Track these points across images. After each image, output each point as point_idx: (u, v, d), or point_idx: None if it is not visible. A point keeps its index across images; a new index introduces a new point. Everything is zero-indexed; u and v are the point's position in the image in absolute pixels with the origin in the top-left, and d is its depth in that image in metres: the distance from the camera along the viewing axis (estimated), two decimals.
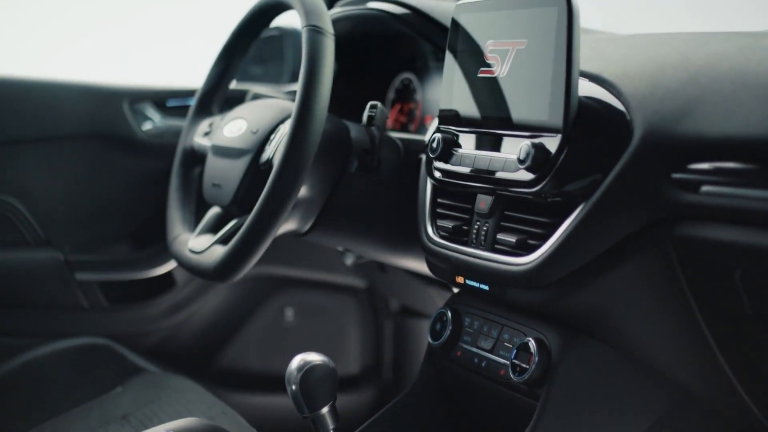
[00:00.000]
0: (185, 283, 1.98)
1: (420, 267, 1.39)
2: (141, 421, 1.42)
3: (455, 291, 1.26)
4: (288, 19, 1.51)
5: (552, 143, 0.96)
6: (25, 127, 1.85)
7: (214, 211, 1.42)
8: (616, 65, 1.03)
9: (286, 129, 1.29)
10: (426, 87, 1.62)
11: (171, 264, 1.93)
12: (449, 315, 1.18)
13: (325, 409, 1.03)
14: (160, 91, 1.95)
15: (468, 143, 1.10)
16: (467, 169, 1.08)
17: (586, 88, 1.01)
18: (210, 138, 1.46)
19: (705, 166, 0.87)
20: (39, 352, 1.76)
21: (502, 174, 1.02)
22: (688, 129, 0.88)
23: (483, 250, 1.07)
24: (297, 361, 1.04)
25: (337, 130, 1.34)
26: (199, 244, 1.34)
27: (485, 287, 1.09)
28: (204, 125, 1.51)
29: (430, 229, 1.18)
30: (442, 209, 1.18)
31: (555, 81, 0.95)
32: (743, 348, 0.98)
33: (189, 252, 1.35)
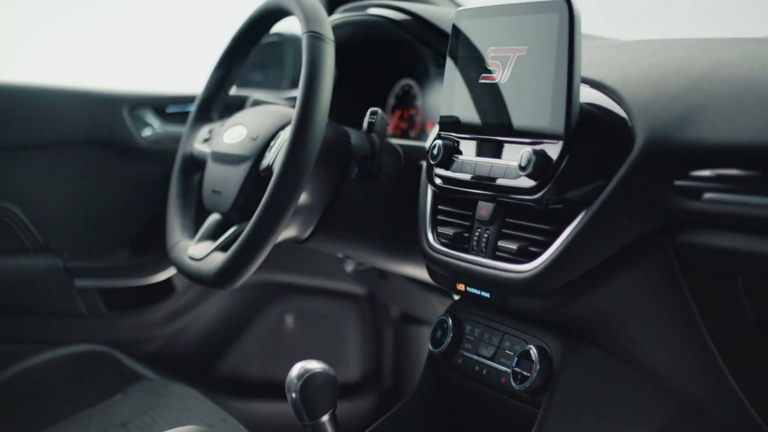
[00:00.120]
0: (185, 290, 1.98)
1: (420, 274, 1.38)
2: (140, 429, 1.42)
3: (456, 298, 1.26)
4: (288, 26, 1.51)
5: (553, 150, 0.96)
6: (25, 134, 1.85)
7: (213, 218, 1.42)
8: (617, 71, 1.03)
9: (286, 135, 1.29)
10: (426, 93, 1.62)
11: (170, 270, 1.92)
12: (450, 322, 1.18)
13: (326, 417, 1.03)
14: (159, 97, 1.95)
15: (469, 150, 1.10)
16: (468, 176, 1.08)
17: (587, 94, 1.01)
18: (210, 144, 1.45)
19: (707, 173, 0.86)
20: (38, 359, 1.76)
21: (503, 181, 1.02)
22: (690, 136, 0.88)
23: (484, 257, 1.07)
24: (297, 369, 1.03)
25: (338, 136, 1.34)
26: (199, 250, 1.34)
27: (486, 294, 1.09)
28: (204, 131, 1.51)
29: (430, 236, 1.17)
30: (442, 216, 1.18)
31: (556, 87, 0.95)
32: (746, 356, 0.98)
33: (189, 259, 1.35)
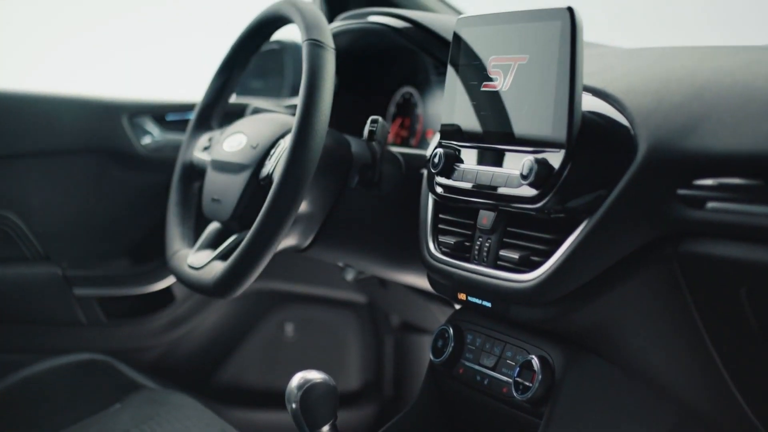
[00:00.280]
0: (184, 299, 1.97)
1: (421, 283, 1.38)
2: None
3: (457, 307, 1.25)
4: (288, 33, 1.50)
5: (555, 159, 0.95)
6: (24, 142, 1.84)
7: (213, 227, 1.42)
8: (620, 80, 1.03)
9: (286, 144, 1.28)
10: (427, 101, 1.62)
11: (170, 279, 1.92)
12: (451, 332, 1.17)
13: (326, 428, 1.03)
14: (159, 105, 1.95)
15: (470, 158, 1.09)
16: (469, 185, 1.07)
17: (589, 103, 1.01)
18: (209, 152, 1.45)
19: (710, 182, 0.86)
20: (37, 368, 1.75)
21: (504, 190, 1.02)
22: (693, 144, 0.87)
23: (485, 266, 1.06)
24: (297, 379, 1.03)
25: (338, 144, 1.34)
26: (199, 259, 1.33)
27: (488, 304, 1.09)
28: (203, 139, 1.50)
29: (431, 245, 1.17)
30: (443, 225, 1.17)
31: (558, 96, 0.95)
32: (749, 365, 0.97)
33: (188, 267, 1.34)
